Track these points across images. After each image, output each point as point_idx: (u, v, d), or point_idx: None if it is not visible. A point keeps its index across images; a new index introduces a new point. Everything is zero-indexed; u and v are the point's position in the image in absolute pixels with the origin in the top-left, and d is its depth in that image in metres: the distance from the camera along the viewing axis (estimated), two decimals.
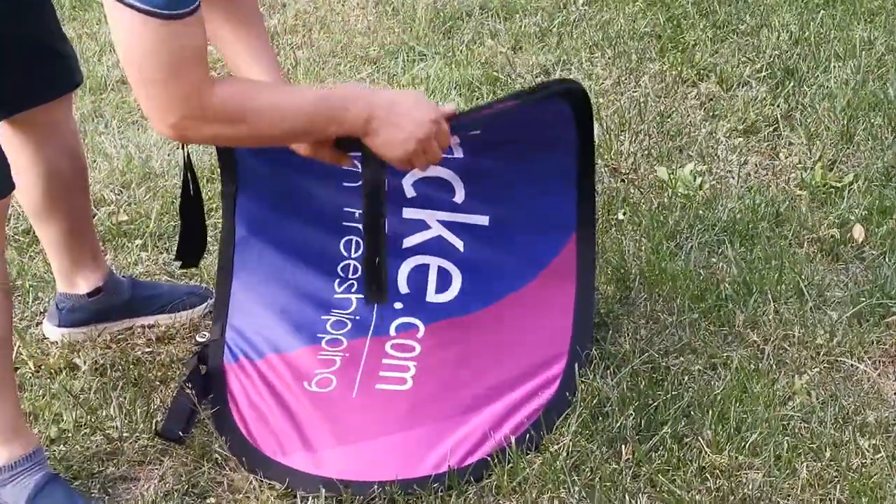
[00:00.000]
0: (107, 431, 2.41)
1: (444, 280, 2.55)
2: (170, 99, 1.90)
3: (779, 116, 3.64)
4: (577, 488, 2.24)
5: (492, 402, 2.39)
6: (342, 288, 2.55)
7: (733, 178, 3.36)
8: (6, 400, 2.17)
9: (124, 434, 2.41)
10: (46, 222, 2.55)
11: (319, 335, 2.50)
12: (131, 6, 1.82)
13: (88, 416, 2.45)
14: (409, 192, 2.52)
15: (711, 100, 3.79)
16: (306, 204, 2.55)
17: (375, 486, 2.24)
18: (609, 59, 4.04)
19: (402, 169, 2.20)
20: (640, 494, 2.24)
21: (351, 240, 2.56)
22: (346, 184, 2.49)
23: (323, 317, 2.52)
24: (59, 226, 2.56)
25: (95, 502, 2.25)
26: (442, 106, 2.19)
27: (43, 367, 2.61)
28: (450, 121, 2.16)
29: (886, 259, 2.93)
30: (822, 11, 4.28)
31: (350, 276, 2.56)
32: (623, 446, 2.34)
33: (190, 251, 2.45)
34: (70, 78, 2.44)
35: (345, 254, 2.56)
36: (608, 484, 2.25)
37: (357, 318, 2.51)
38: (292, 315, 2.51)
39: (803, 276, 2.84)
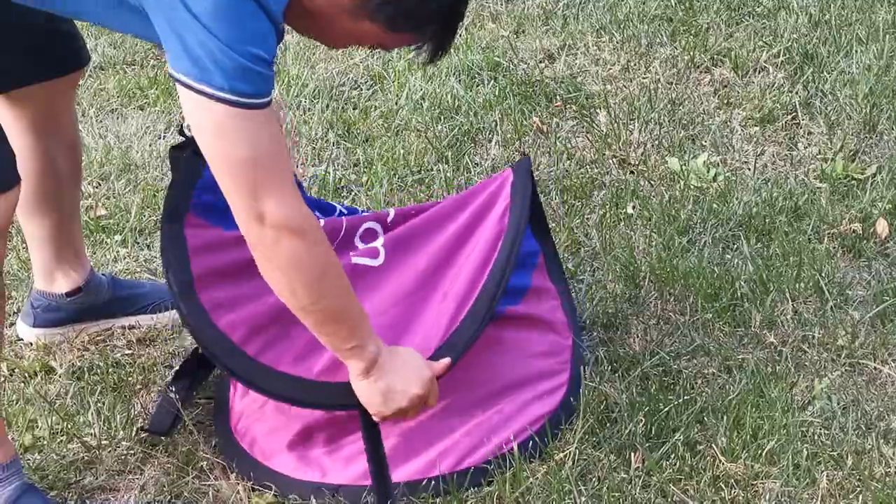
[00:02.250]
0: (84, 439, 2.41)
1: None
2: (269, 196, 1.95)
3: (797, 104, 3.63)
4: (583, 499, 2.24)
5: (489, 408, 2.40)
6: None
7: (749, 169, 3.36)
8: None
9: (103, 442, 2.40)
10: (36, 216, 2.56)
11: None
12: (212, 96, 1.87)
13: (65, 423, 2.44)
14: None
15: (726, 86, 3.78)
16: None
17: (366, 497, 2.25)
18: (617, 43, 4.04)
19: (382, 420, 2.23)
20: None
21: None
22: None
23: None
24: (48, 220, 2.57)
25: None
26: (435, 364, 2.27)
27: (16, 370, 2.60)
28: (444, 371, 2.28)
29: None
30: None
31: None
32: (632, 454, 2.34)
33: None
34: (76, 56, 2.48)
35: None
36: (616, 494, 2.25)
37: None
38: None
39: (823, 274, 2.84)
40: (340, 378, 2.22)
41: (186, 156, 2.27)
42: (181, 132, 2.28)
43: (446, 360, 2.28)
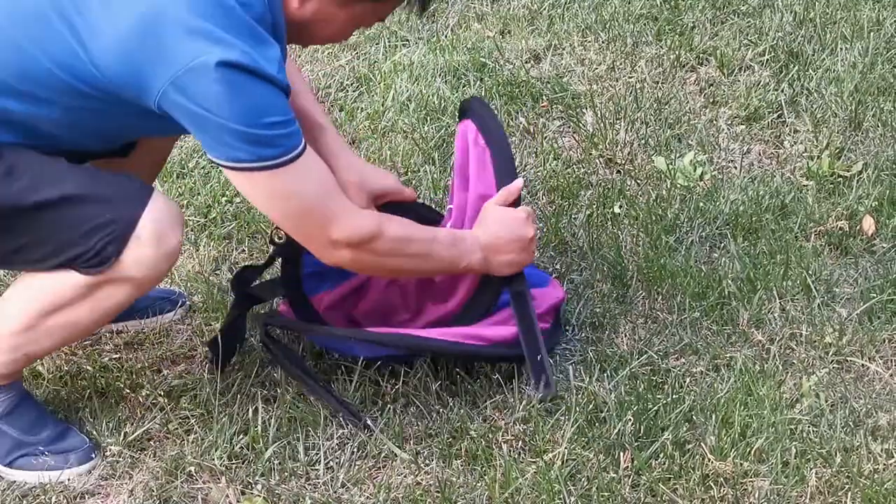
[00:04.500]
0: None
1: None
2: (331, 226, 2.18)
3: (783, 102, 3.64)
4: (573, 499, 2.24)
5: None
6: None
7: (735, 167, 3.36)
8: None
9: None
10: None
11: None
12: (248, 168, 2.06)
13: None
14: None
15: (711, 85, 3.79)
16: None
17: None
18: (603, 42, 4.04)
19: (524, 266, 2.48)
20: None
21: None
22: None
23: None
24: None
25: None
26: (509, 188, 2.47)
27: None
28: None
29: None
30: None
31: None
32: (621, 454, 2.33)
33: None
34: None
35: None
36: (606, 494, 2.25)
37: None
38: None
39: (810, 272, 2.84)
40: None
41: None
42: (272, 241, 2.53)
43: (518, 183, 2.49)
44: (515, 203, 2.47)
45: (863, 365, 2.60)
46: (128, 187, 2.16)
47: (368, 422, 2.41)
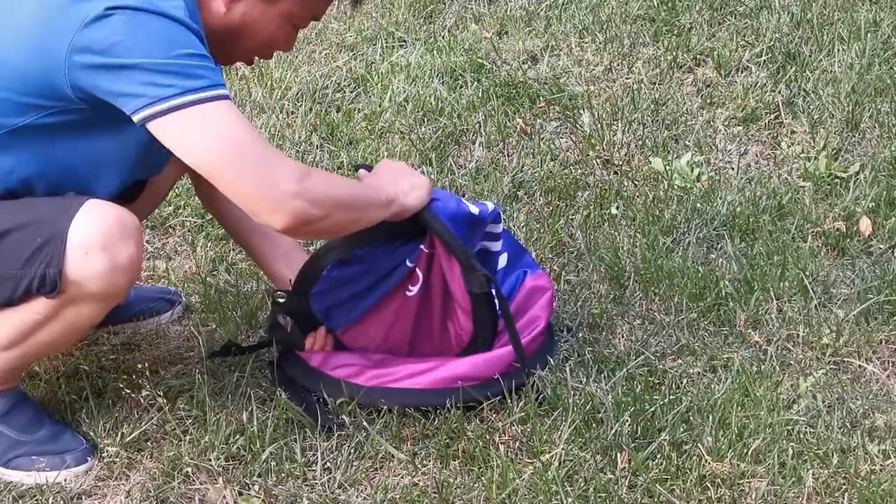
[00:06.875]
0: None
1: None
2: (280, 169, 2.05)
3: (780, 103, 3.64)
4: (570, 499, 2.24)
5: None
6: None
7: (732, 168, 3.37)
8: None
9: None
10: None
11: None
12: (181, 106, 1.94)
13: None
14: None
15: (709, 86, 3.79)
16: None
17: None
18: (600, 43, 4.04)
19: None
20: None
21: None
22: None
23: None
24: None
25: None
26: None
27: None
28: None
29: (895, 253, 2.94)
30: None
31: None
32: (618, 454, 2.33)
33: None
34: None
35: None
36: (603, 495, 2.25)
37: None
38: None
39: (807, 273, 2.85)
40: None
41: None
42: (275, 302, 2.50)
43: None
44: None
45: (860, 366, 2.60)
46: (56, 205, 2.12)
47: (344, 419, 2.43)
